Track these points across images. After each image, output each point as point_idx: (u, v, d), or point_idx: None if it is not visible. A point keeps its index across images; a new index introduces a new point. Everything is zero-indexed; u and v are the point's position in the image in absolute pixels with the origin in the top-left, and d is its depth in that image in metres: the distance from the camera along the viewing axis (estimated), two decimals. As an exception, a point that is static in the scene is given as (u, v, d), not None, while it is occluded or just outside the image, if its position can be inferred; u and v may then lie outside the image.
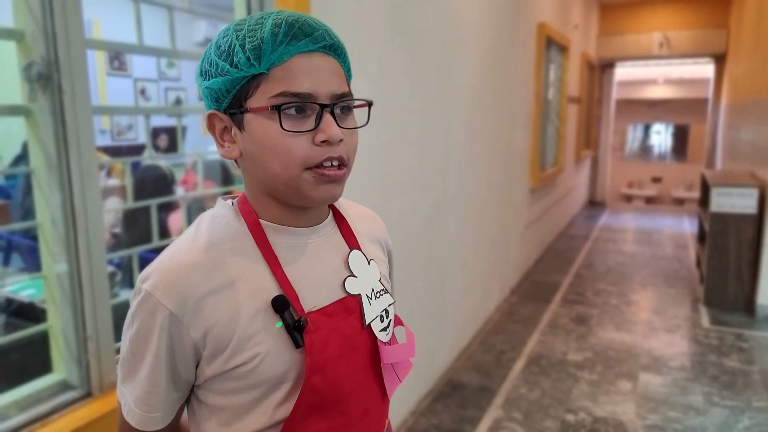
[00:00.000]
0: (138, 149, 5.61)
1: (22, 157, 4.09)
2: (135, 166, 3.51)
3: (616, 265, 5.54)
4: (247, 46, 0.67)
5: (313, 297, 0.74)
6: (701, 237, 5.13)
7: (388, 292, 0.83)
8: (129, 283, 2.54)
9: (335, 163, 0.70)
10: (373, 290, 0.80)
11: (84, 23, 1.21)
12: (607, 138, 9.46)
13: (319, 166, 0.69)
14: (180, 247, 0.73)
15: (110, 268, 1.32)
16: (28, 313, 2.15)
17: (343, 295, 0.76)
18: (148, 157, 3.23)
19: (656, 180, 12.04)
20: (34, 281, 2.17)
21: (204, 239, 0.72)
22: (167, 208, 3.12)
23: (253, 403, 0.72)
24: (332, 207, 0.83)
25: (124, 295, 1.64)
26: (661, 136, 12.53)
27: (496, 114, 3.76)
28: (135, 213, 2.89)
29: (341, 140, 0.69)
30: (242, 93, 0.69)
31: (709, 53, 7.99)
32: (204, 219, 0.76)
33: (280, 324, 0.70)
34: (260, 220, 0.74)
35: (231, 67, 0.68)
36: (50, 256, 1.24)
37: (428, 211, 2.77)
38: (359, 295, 0.78)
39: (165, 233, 2.84)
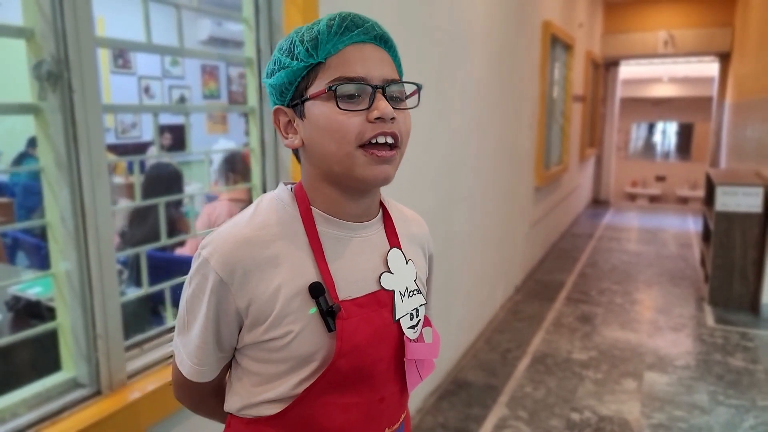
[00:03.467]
0: (142, 147, 5.62)
1: (24, 155, 4.09)
2: (141, 164, 3.50)
3: (621, 264, 5.53)
4: (305, 39, 0.75)
5: (348, 287, 0.78)
6: (706, 236, 5.11)
7: (420, 292, 0.87)
8: (136, 281, 2.55)
9: (389, 140, 0.75)
10: (407, 288, 0.84)
11: (94, 21, 1.21)
12: (611, 136, 9.44)
13: (372, 144, 0.74)
14: (239, 222, 0.79)
15: (117, 266, 1.32)
16: (35, 311, 2.16)
17: (377, 289, 0.81)
18: (157, 156, 3.23)
19: (660, 179, 12.01)
20: (41, 280, 2.17)
21: (260, 219, 0.79)
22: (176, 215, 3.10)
23: (281, 375, 0.78)
24: (382, 206, 0.87)
25: (131, 293, 1.64)
26: (666, 135, 12.50)
27: (501, 112, 3.76)
28: (143, 211, 2.88)
29: (394, 118, 0.74)
30: (303, 84, 0.76)
31: (714, 52, 7.96)
32: (264, 200, 0.82)
33: (314, 309, 0.75)
34: (312, 208, 0.79)
35: (292, 60, 0.76)
36: (59, 254, 1.24)
37: (435, 210, 2.77)
38: (393, 291, 0.81)
39: (173, 232, 2.83)
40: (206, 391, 0.87)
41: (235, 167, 3.01)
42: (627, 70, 9.84)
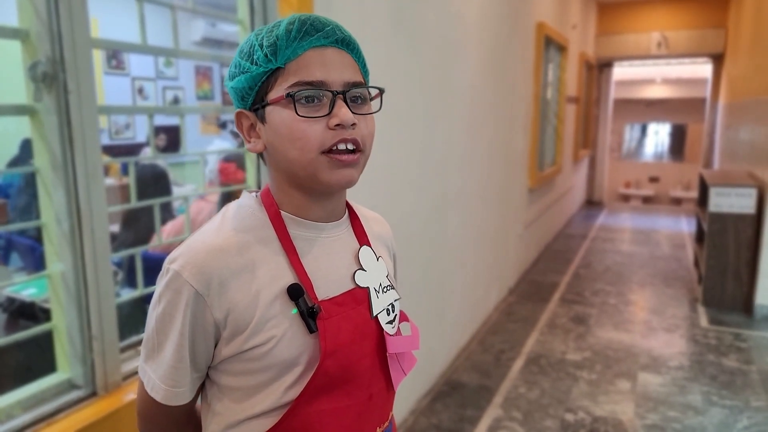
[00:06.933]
0: (136, 148, 5.60)
1: (19, 158, 4.07)
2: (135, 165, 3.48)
3: (614, 264, 5.55)
4: (264, 44, 0.74)
5: (325, 287, 0.78)
6: (699, 237, 5.14)
7: (394, 288, 0.88)
8: (130, 282, 2.54)
9: (350, 147, 0.74)
10: (380, 285, 0.85)
11: (89, 23, 1.21)
12: (605, 138, 9.47)
13: (334, 150, 0.74)
14: (207, 232, 0.77)
15: (111, 268, 1.33)
16: (29, 312, 2.15)
17: (352, 287, 0.81)
18: (152, 157, 3.22)
19: (653, 180, 12.06)
20: (35, 281, 2.17)
21: (229, 227, 0.77)
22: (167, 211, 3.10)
23: (265, 384, 0.75)
24: (348, 206, 0.88)
25: (125, 294, 1.64)
26: (659, 136, 12.56)
27: (495, 114, 3.77)
28: (135, 212, 2.88)
29: (354, 124, 0.74)
30: (263, 89, 0.75)
31: (707, 53, 8.00)
32: (230, 209, 0.81)
33: (295, 310, 0.74)
34: (281, 212, 0.79)
35: (251, 65, 0.75)
36: (55, 256, 1.24)
37: (428, 212, 2.78)
38: (367, 287, 0.82)
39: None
40: (181, 418, 0.82)
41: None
42: (620, 72, 9.88)
